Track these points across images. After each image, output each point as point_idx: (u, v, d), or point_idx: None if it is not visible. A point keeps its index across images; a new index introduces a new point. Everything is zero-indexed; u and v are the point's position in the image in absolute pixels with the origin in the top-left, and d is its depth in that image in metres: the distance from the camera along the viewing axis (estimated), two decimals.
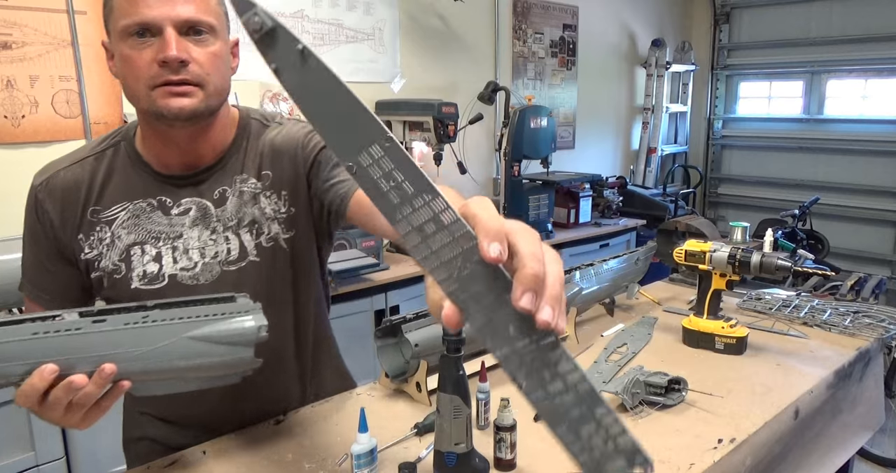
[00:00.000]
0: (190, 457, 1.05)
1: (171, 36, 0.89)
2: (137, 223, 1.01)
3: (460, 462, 0.96)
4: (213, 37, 0.94)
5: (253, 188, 1.06)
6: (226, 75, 0.98)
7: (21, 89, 2.12)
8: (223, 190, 1.04)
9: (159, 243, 1.02)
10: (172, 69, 0.90)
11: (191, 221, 1.03)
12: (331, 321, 1.26)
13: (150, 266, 1.01)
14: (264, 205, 1.06)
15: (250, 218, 1.05)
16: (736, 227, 1.69)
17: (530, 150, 3.12)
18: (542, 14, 3.90)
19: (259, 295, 1.01)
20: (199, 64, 0.92)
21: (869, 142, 4.40)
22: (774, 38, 4.75)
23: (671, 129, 5.08)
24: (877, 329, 1.60)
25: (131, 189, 1.02)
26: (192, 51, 0.91)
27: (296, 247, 1.09)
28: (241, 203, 1.05)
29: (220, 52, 0.96)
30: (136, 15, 0.89)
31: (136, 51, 0.90)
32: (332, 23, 2.88)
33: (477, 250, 0.42)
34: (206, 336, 0.78)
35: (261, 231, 1.05)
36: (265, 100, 2.66)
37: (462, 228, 0.43)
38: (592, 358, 1.45)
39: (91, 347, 0.74)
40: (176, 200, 1.03)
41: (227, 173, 1.05)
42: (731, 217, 4.90)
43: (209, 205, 1.04)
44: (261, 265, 1.05)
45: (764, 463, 1.15)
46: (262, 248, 1.05)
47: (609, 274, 1.70)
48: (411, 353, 1.22)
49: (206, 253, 1.03)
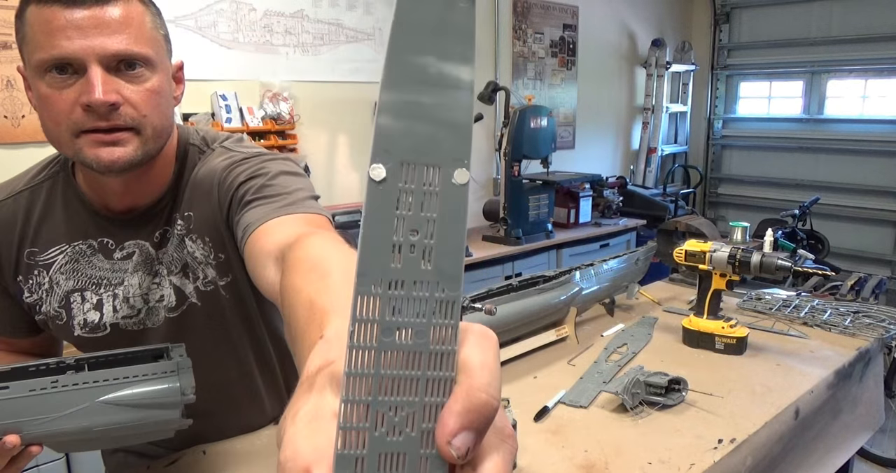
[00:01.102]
0: (190, 457, 1.05)
1: (97, 75, 0.74)
2: (76, 268, 0.92)
3: None
4: (150, 70, 0.80)
5: (180, 230, 0.93)
6: (166, 112, 0.84)
7: (21, 89, 2.11)
8: (164, 230, 0.93)
9: (100, 289, 0.93)
10: (100, 115, 0.76)
11: (133, 266, 0.93)
12: None
13: (90, 314, 0.93)
14: (192, 250, 0.92)
15: (182, 262, 0.93)
16: (736, 227, 1.68)
17: (530, 150, 3.12)
18: (542, 14, 3.90)
19: (209, 337, 0.97)
20: (133, 105, 0.78)
21: (869, 142, 4.40)
22: (774, 38, 4.75)
23: (671, 129, 5.08)
24: (877, 329, 1.60)
25: (70, 229, 0.92)
26: (125, 90, 0.77)
27: (237, 293, 0.96)
28: (179, 245, 0.93)
29: (159, 86, 0.81)
30: (52, 48, 0.73)
31: (56, 90, 0.75)
32: (332, 23, 2.88)
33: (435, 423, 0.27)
34: (122, 400, 0.74)
35: (196, 275, 0.93)
36: (265, 100, 2.65)
37: (447, 371, 0.28)
38: (592, 358, 1.44)
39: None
40: (119, 243, 0.92)
41: (166, 212, 0.93)
42: (731, 217, 4.90)
43: (150, 249, 0.93)
44: (203, 308, 0.95)
45: (764, 463, 1.15)
46: (200, 292, 0.94)
47: (609, 274, 1.70)
48: None
49: (149, 299, 0.94)
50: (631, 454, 1.05)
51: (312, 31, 2.83)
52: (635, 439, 1.10)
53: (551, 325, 1.53)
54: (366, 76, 3.03)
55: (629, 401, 1.17)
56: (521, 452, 1.04)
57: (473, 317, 1.18)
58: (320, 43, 2.86)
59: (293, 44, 2.77)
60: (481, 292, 1.40)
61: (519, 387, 1.30)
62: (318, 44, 2.85)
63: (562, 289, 1.52)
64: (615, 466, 1.02)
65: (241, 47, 2.61)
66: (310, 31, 2.82)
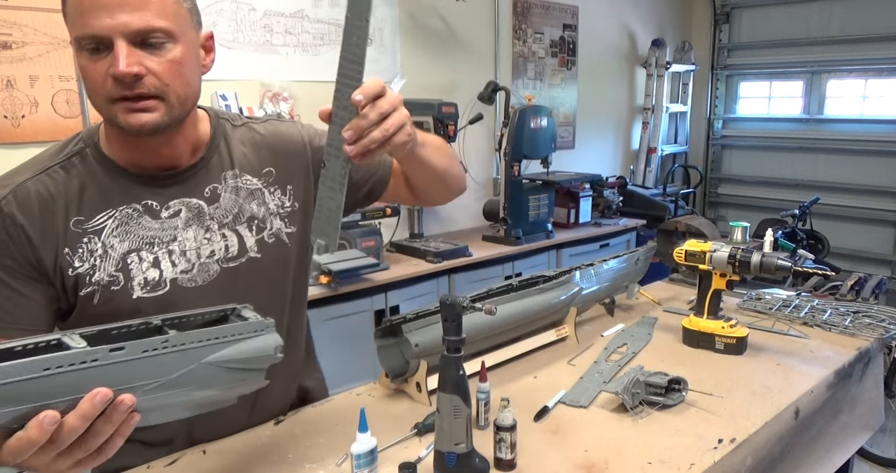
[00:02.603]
0: (190, 457, 1.05)
1: (122, 50, 0.83)
2: (128, 230, 0.96)
3: (460, 462, 0.96)
4: (173, 42, 0.88)
5: (252, 184, 1.05)
6: (191, 80, 0.92)
7: (21, 89, 2.12)
8: (214, 187, 1.02)
9: (154, 248, 0.97)
10: (126, 85, 0.85)
11: (183, 222, 0.99)
12: (330, 321, 1.27)
13: (150, 272, 0.96)
14: (268, 201, 1.06)
15: (249, 213, 1.04)
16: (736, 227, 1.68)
17: (530, 150, 3.12)
18: (542, 14, 3.90)
19: (257, 293, 1.02)
20: (157, 75, 0.86)
21: (869, 142, 4.40)
22: (774, 38, 4.75)
23: (671, 129, 5.08)
24: (877, 329, 1.60)
25: (113, 195, 0.96)
26: (148, 61, 0.86)
27: (297, 243, 1.08)
28: (237, 199, 1.03)
29: (183, 56, 0.89)
30: (84, 27, 0.83)
31: (91, 63, 0.85)
32: (332, 23, 2.88)
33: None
34: (223, 360, 0.70)
35: (262, 226, 1.05)
36: (265, 100, 2.65)
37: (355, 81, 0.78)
38: (592, 358, 1.45)
39: (107, 381, 0.63)
40: (163, 203, 0.98)
41: (213, 170, 1.02)
42: (731, 217, 4.90)
43: (202, 204, 1.01)
44: (260, 261, 1.04)
45: (764, 463, 1.15)
46: (263, 244, 1.05)
47: (609, 274, 1.70)
48: (411, 353, 1.22)
49: (201, 253, 1.00)
50: (631, 454, 1.05)
51: (312, 31, 2.83)
52: (635, 439, 1.10)
53: (551, 325, 1.53)
54: (366, 76, 3.03)
55: (629, 401, 1.17)
56: (521, 452, 1.04)
57: (474, 317, 1.18)
58: (320, 43, 2.86)
59: (293, 44, 2.77)
60: (481, 292, 1.40)
61: (519, 387, 1.30)
62: (318, 44, 2.85)
63: (562, 289, 1.52)
64: (615, 466, 1.02)
65: (241, 47, 2.61)
66: (310, 31, 2.82)
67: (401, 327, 1.24)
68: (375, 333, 1.27)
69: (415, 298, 2.62)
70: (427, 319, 1.27)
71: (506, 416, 1.00)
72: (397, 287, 2.57)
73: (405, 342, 1.23)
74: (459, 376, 0.95)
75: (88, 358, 0.62)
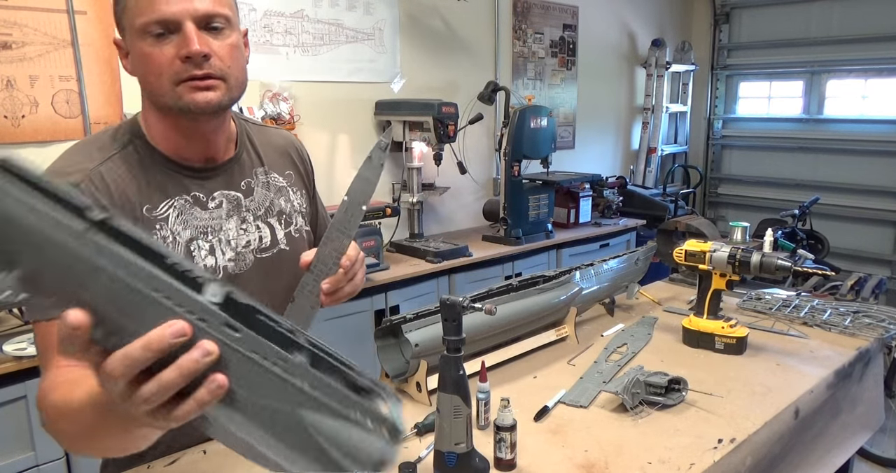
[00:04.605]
0: (190, 457, 1.05)
1: (192, 31, 0.89)
2: (186, 219, 1.00)
3: (460, 462, 0.96)
4: (230, 29, 0.95)
5: (279, 182, 1.12)
6: (244, 66, 0.99)
7: (21, 89, 2.12)
8: (248, 181, 1.08)
9: (208, 237, 1.02)
10: (196, 64, 0.90)
11: (225, 214, 1.04)
12: (331, 321, 1.27)
13: (208, 259, 1.01)
14: (293, 199, 1.14)
15: (279, 208, 1.11)
16: (736, 227, 1.68)
17: (530, 150, 3.12)
18: (542, 14, 3.90)
19: (281, 284, 1.07)
20: (220, 57, 0.93)
21: (869, 142, 4.40)
22: (774, 38, 4.75)
23: (671, 129, 5.08)
24: (877, 329, 1.60)
25: (168, 186, 1.00)
26: (212, 44, 0.92)
27: (310, 244, 1.15)
28: (269, 193, 1.10)
29: (237, 43, 0.97)
30: (154, 12, 0.88)
31: (157, 48, 0.90)
32: (332, 23, 2.88)
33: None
34: (320, 428, 0.50)
35: (290, 221, 1.12)
36: (265, 100, 2.65)
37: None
38: (592, 357, 1.45)
39: None
40: (208, 194, 1.03)
41: (245, 166, 1.08)
42: (731, 217, 4.90)
43: (239, 196, 1.06)
44: (288, 253, 1.09)
45: (764, 463, 1.15)
46: (290, 237, 1.11)
47: (609, 274, 1.70)
48: (411, 353, 1.22)
49: (238, 243, 1.05)
50: (631, 453, 1.05)
51: (312, 31, 2.83)
52: (635, 439, 1.10)
53: (551, 325, 1.53)
54: (365, 76, 3.03)
55: (629, 401, 1.17)
56: (522, 452, 1.04)
57: (474, 317, 1.19)
58: (320, 43, 2.86)
59: (293, 44, 2.77)
60: (481, 292, 1.41)
61: (519, 387, 1.30)
62: (318, 44, 2.85)
63: (562, 289, 1.52)
64: (615, 466, 1.02)
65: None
66: (310, 31, 2.82)
67: (401, 327, 1.24)
68: (376, 333, 1.27)
69: (415, 298, 2.62)
70: (427, 319, 1.27)
71: (506, 416, 1.00)
72: (397, 287, 2.57)
73: (405, 342, 1.23)
74: (459, 376, 0.96)
75: (199, 312, 0.51)
